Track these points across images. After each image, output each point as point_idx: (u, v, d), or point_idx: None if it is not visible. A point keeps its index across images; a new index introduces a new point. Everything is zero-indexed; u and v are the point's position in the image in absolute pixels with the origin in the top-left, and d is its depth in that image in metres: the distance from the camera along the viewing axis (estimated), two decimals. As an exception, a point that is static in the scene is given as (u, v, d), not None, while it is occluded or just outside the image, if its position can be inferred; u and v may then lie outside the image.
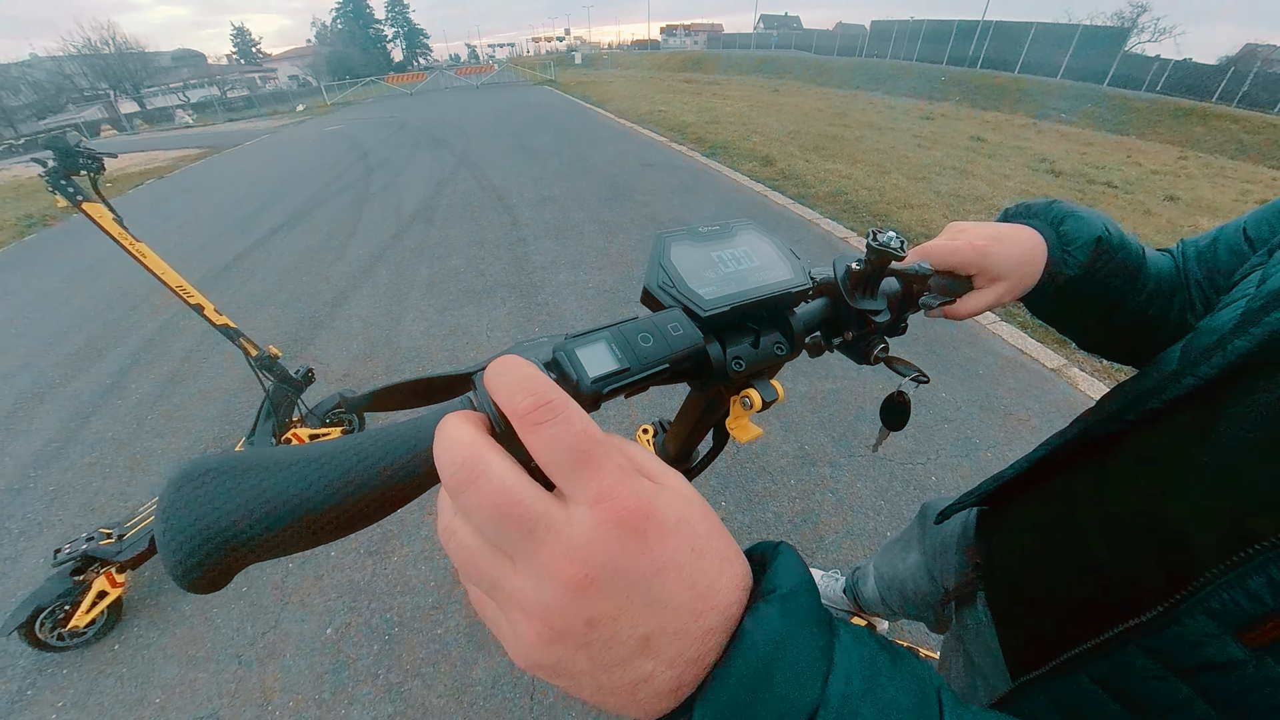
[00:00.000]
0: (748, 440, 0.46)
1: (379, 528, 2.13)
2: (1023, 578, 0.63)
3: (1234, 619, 0.36)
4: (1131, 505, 0.49)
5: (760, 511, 2.15)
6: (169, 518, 0.25)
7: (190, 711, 1.62)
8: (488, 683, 1.63)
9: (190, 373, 3.28)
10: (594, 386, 0.31)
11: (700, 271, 0.40)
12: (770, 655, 0.22)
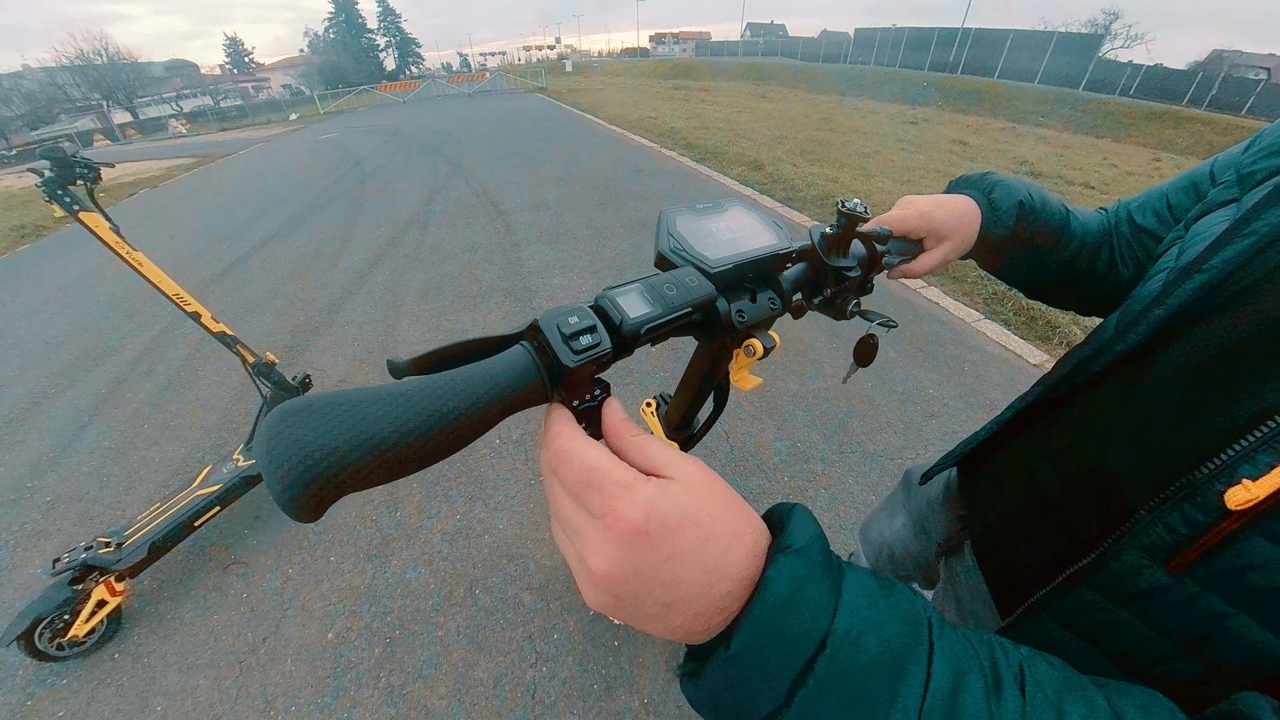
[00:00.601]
0: (749, 389, 0.56)
1: (378, 531, 2.12)
2: (998, 528, 0.68)
3: (1159, 551, 0.41)
4: (1078, 457, 0.54)
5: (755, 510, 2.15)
6: (273, 449, 0.28)
7: (192, 719, 1.59)
8: (489, 683, 1.62)
9: (187, 381, 3.24)
10: (634, 325, 0.37)
11: (703, 238, 0.46)
12: (787, 597, 0.28)
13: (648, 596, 0.29)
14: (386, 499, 2.26)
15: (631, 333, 0.36)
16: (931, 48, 31.76)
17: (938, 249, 0.67)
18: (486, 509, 2.19)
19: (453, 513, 2.18)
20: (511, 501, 2.22)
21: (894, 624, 0.29)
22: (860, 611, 0.29)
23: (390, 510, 2.21)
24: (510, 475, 2.35)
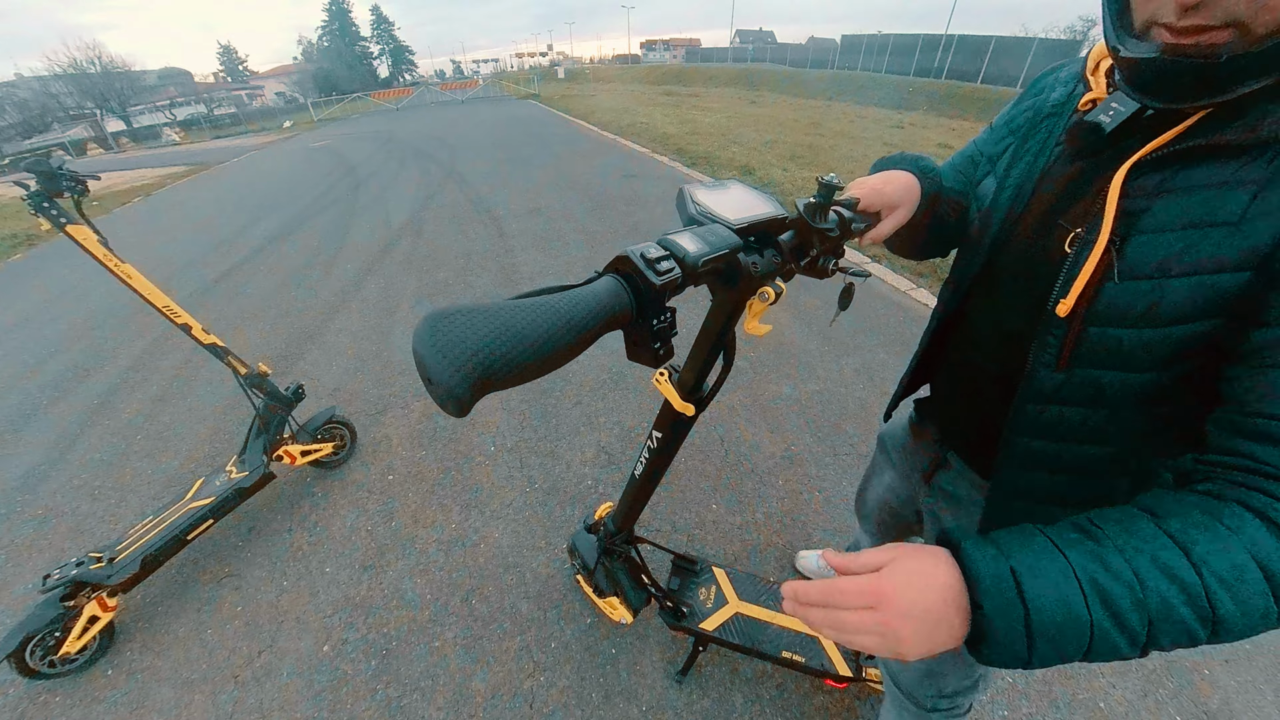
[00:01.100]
0: (762, 334, 0.66)
1: (373, 541, 2.09)
2: (963, 418, 0.90)
3: (1049, 359, 0.65)
4: (991, 335, 0.79)
5: (751, 513, 2.14)
6: (426, 348, 0.34)
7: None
8: (486, 693, 1.60)
9: (179, 392, 3.20)
10: (694, 258, 0.48)
11: (719, 206, 0.59)
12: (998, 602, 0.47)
13: (931, 634, 0.48)
14: (380, 509, 2.23)
15: (693, 264, 0.47)
16: (916, 54, 31.98)
17: (892, 216, 0.78)
18: (482, 518, 2.16)
19: (448, 522, 2.16)
20: (507, 510, 2.19)
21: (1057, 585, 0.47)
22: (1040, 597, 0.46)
23: (385, 520, 2.18)
24: (506, 483, 2.33)
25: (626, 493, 1.22)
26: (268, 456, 2.13)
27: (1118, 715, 1.57)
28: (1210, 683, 1.66)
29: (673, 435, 0.93)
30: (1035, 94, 0.77)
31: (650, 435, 0.99)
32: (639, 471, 1.09)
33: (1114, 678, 1.67)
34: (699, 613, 1.57)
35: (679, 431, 0.92)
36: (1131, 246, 0.57)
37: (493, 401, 2.83)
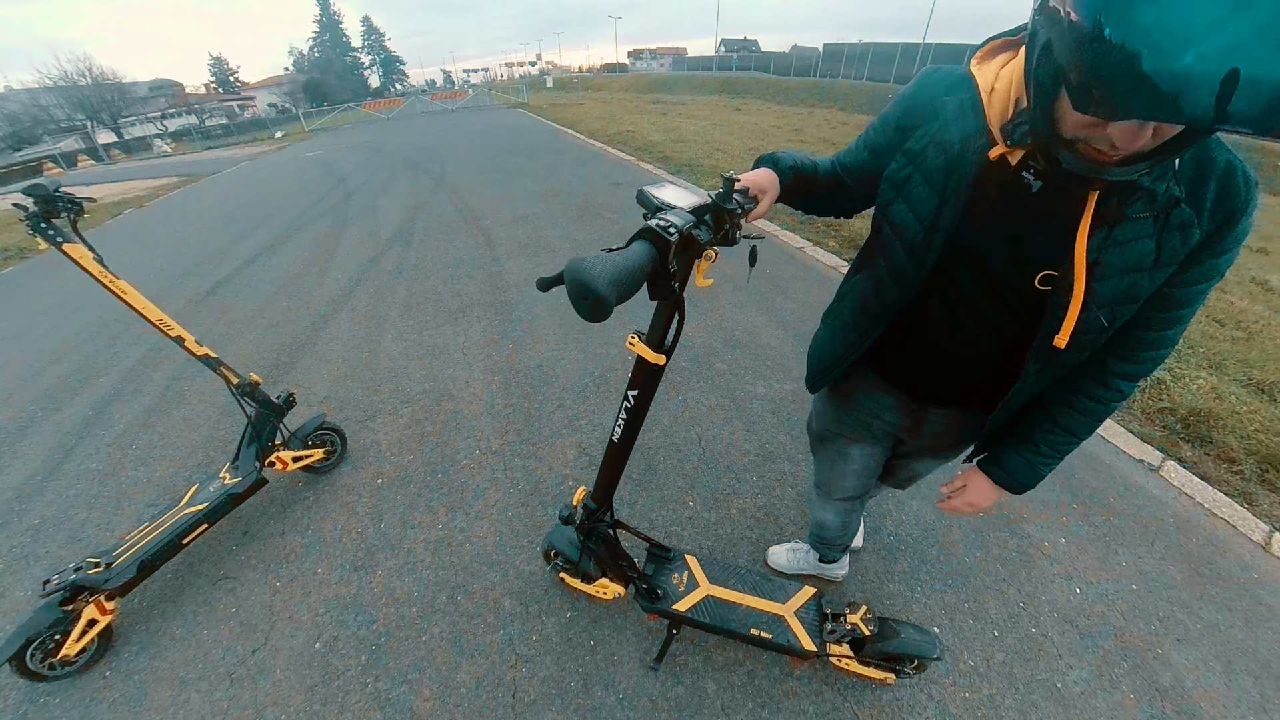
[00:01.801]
0: (707, 285, 0.91)
1: (363, 543, 2.14)
2: (940, 381, 1.12)
3: (1039, 357, 0.91)
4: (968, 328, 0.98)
5: (725, 509, 2.22)
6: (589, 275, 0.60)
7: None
8: (471, 685, 1.66)
9: (172, 402, 3.22)
10: (687, 223, 0.76)
11: (673, 199, 0.83)
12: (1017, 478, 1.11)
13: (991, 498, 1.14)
14: (370, 511, 2.28)
15: (688, 226, 0.77)
16: (895, 62, 32.37)
17: (764, 200, 0.97)
18: (467, 518, 2.22)
19: (434, 523, 2.21)
20: (491, 510, 2.25)
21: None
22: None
23: (374, 522, 2.23)
24: (490, 485, 2.39)
25: (606, 461, 1.31)
26: (260, 463, 2.17)
27: (1074, 693, 1.65)
28: (1162, 661, 1.75)
29: (647, 388, 1.10)
30: (928, 114, 0.90)
31: (626, 396, 1.13)
32: (618, 435, 1.21)
33: (1071, 659, 1.75)
34: (672, 595, 1.64)
35: (652, 383, 1.10)
36: (1097, 290, 0.79)
37: (476, 406, 2.90)
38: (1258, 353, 3.82)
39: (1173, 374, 3.26)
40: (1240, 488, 2.48)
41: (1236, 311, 4.72)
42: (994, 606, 1.90)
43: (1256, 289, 5.67)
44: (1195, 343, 3.78)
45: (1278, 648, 1.81)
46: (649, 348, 1.00)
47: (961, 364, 1.05)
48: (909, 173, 0.91)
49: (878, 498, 2.30)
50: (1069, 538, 2.17)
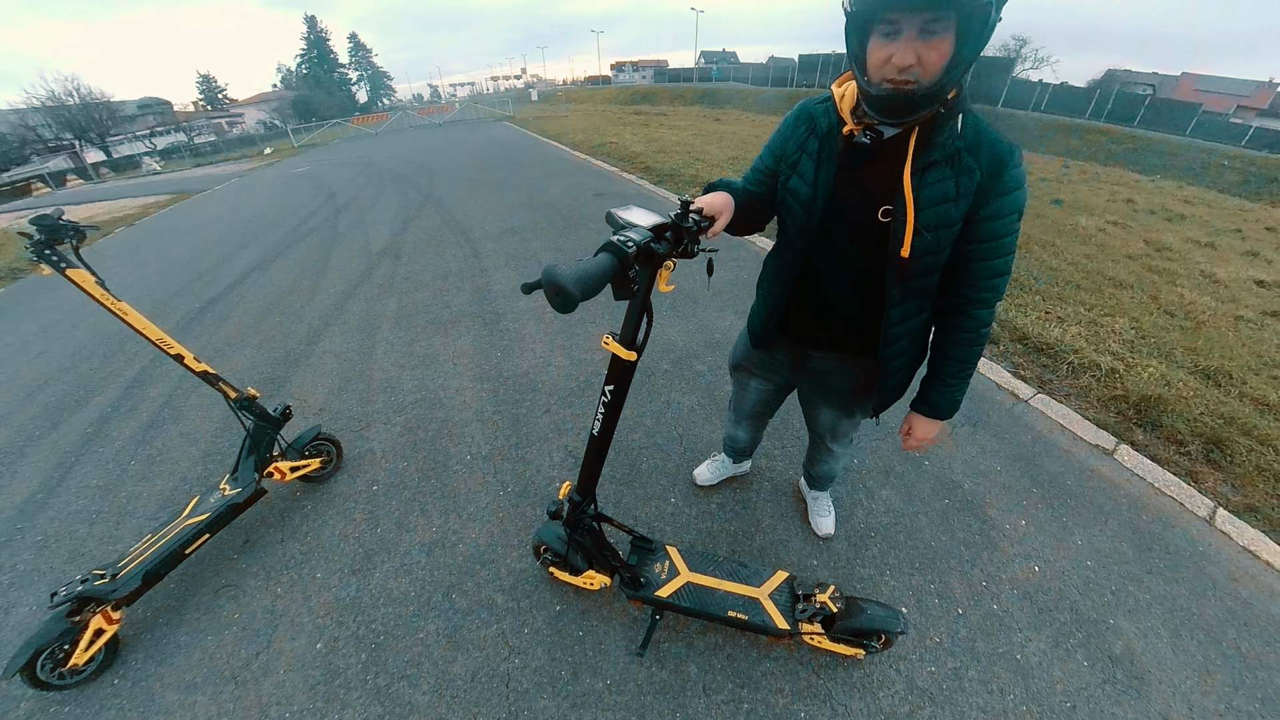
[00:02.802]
0: (668, 290, 1.02)
1: (360, 547, 2.19)
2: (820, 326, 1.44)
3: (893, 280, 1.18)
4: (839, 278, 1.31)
5: (705, 504, 2.30)
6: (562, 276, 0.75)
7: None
8: (467, 677, 1.71)
9: (170, 417, 3.23)
10: (645, 237, 0.91)
11: (636, 219, 0.96)
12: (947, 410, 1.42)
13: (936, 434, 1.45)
14: (367, 517, 2.32)
15: (645, 241, 0.90)
16: (867, 70, 32.62)
17: (721, 219, 1.10)
18: (460, 520, 2.27)
19: (429, 525, 2.26)
20: (483, 513, 2.31)
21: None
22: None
23: (371, 527, 2.27)
24: (481, 489, 2.44)
25: (587, 455, 1.39)
26: (259, 474, 2.21)
27: (1033, 664, 1.74)
28: (1114, 631, 1.84)
29: (621, 383, 1.22)
30: (805, 120, 1.24)
31: (603, 391, 1.23)
32: (597, 429, 1.30)
33: (1029, 632, 1.83)
34: (654, 583, 1.71)
35: (625, 379, 1.22)
36: (920, 216, 1.08)
37: (467, 413, 2.95)
38: (1204, 341, 3.97)
39: (1125, 364, 3.37)
40: (1187, 467, 2.59)
41: (1186, 303, 4.88)
42: (958, 586, 1.99)
43: (1205, 281, 5.86)
44: (1147, 333, 3.92)
45: (1220, 614, 1.91)
46: (622, 346, 1.14)
47: (837, 308, 1.36)
48: (798, 155, 1.24)
49: (849, 488, 2.38)
50: (1029, 520, 2.27)
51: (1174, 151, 17.66)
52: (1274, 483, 2.51)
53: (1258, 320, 4.78)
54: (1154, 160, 16.62)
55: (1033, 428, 2.81)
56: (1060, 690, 1.67)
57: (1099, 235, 7.06)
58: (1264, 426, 2.89)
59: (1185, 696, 1.67)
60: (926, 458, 2.57)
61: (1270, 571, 2.09)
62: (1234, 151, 18.63)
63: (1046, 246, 5.93)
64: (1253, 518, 2.33)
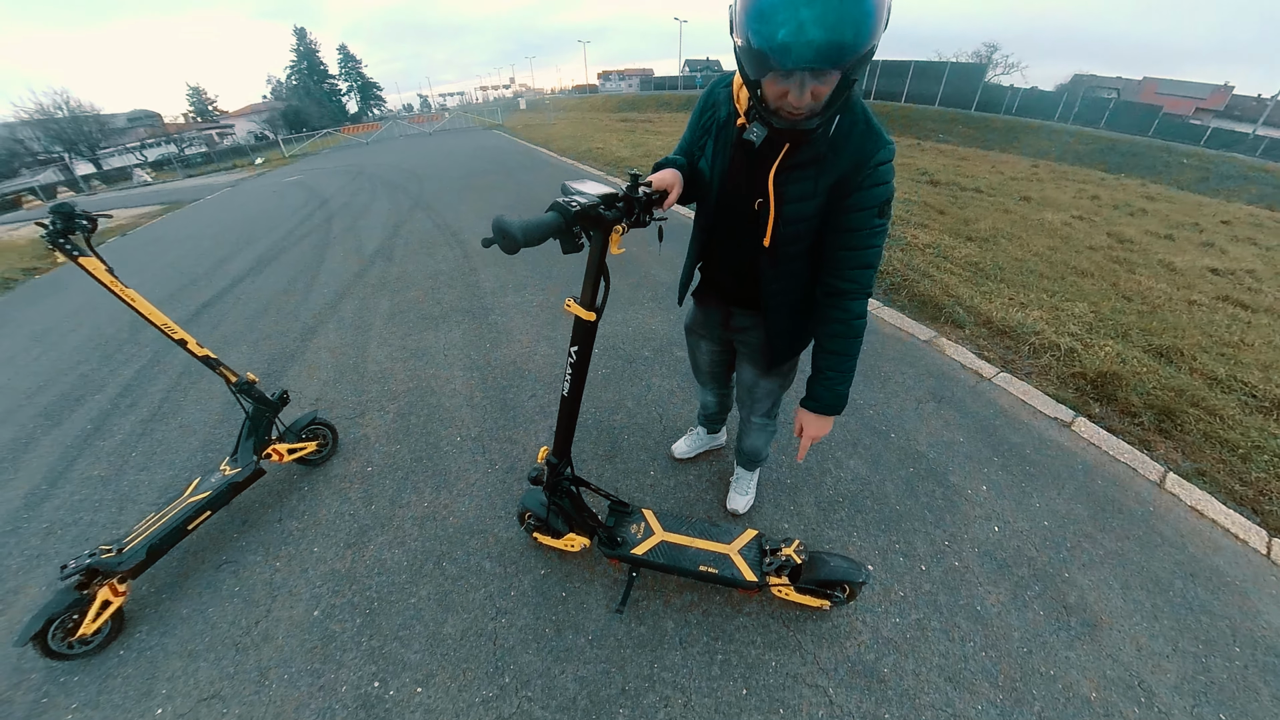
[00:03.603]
0: (619, 253, 1.12)
1: (355, 523, 2.25)
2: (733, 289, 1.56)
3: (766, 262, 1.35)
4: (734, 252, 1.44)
5: (684, 475, 2.39)
6: (508, 224, 0.88)
7: (195, 695, 1.68)
8: (457, 636, 1.78)
9: (170, 410, 3.25)
10: (593, 202, 1.03)
11: (588, 189, 1.07)
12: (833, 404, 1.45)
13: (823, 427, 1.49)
14: (361, 495, 2.39)
15: (592, 204, 1.02)
16: (845, 76, 32.99)
17: (673, 192, 1.21)
18: (451, 496, 2.34)
19: (421, 501, 2.33)
20: (473, 489, 2.38)
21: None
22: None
23: (365, 504, 2.33)
24: (471, 467, 2.51)
25: (560, 416, 1.48)
26: (257, 455, 2.26)
27: (992, 614, 1.84)
28: (1069, 583, 1.95)
29: (584, 344, 1.32)
30: (713, 104, 1.32)
31: (569, 353, 1.33)
32: (566, 389, 1.40)
33: (989, 585, 1.93)
34: (630, 542, 1.79)
35: (588, 339, 1.31)
36: (782, 210, 1.22)
37: (457, 399, 3.02)
38: (1159, 323, 4.12)
39: (1084, 344, 3.51)
40: (1140, 436, 2.71)
41: (1143, 290, 5.04)
42: (921, 545, 2.09)
43: (1162, 270, 6.04)
44: (1106, 317, 4.06)
45: (1169, 567, 2.03)
46: (582, 307, 1.24)
47: (736, 270, 1.47)
48: (705, 139, 1.34)
49: (818, 458, 2.47)
50: (990, 485, 2.37)
51: (1137, 151, 18.09)
52: (1221, 449, 2.64)
53: (1210, 304, 4.93)
54: (1119, 159, 16.98)
55: (995, 403, 2.92)
56: (1018, 637, 1.77)
57: (1064, 229, 7.22)
58: (1212, 399, 3.03)
59: (1134, 640, 1.77)
60: (892, 431, 2.67)
61: (1215, 528, 2.22)
62: (1193, 150, 19.34)
63: (1013, 239, 6.08)
64: (1200, 481, 2.46)
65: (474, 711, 1.59)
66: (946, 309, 3.83)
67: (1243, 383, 3.26)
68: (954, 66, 30.65)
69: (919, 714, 1.56)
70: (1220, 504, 2.32)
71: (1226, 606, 1.91)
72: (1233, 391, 3.19)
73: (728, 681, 1.64)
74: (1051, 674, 1.67)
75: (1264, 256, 7.62)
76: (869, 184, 1.15)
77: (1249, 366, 3.51)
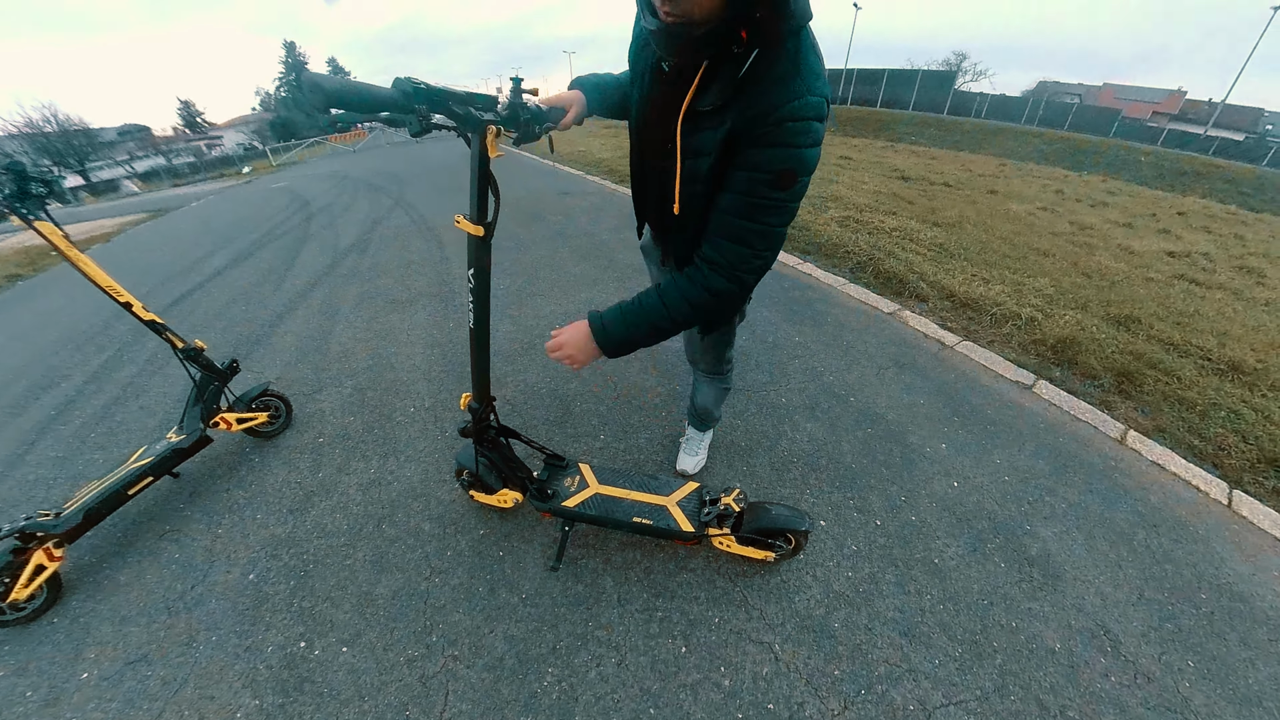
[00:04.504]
0: (497, 155, 1.04)
1: (300, 490, 2.16)
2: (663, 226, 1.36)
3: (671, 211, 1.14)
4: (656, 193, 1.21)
5: (634, 439, 2.30)
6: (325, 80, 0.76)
7: (121, 659, 1.59)
8: (388, 596, 1.69)
9: (132, 394, 3.12)
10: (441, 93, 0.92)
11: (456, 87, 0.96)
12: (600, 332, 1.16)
13: (584, 349, 1.18)
14: (310, 464, 2.29)
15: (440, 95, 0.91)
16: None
17: (571, 113, 1.15)
18: (398, 462, 2.25)
19: (368, 469, 2.24)
20: (420, 455, 2.29)
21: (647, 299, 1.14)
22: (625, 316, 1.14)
23: (313, 473, 2.23)
24: (421, 435, 2.43)
25: (472, 354, 1.37)
26: (204, 423, 2.16)
27: (951, 568, 1.76)
28: (1031, 535, 1.89)
29: (480, 264, 1.21)
30: (642, 33, 1.09)
31: (468, 279, 1.22)
32: (472, 320, 1.29)
33: (949, 539, 1.86)
34: (563, 494, 1.70)
35: (483, 258, 1.21)
36: (685, 164, 1.04)
37: (415, 374, 2.94)
38: (1117, 295, 4.13)
39: (1045, 314, 3.49)
40: (1101, 398, 2.69)
41: (1103, 268, 5.08)
42: (877, 501, 2.02)
43: (1121, 252, 6.12)
44: (1066, 291, 4.06)
45: (1131, 518, 1.98)
46: (470, 222, 1.13)
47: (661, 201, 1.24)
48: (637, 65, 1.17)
49: (774, 421, 2.41)
50: (949, 444, 2.32)
51: (1099, 150, 18.55)
52: (1179, 407, 2.62)
53: (1166, 281, 4.98)
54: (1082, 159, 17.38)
55: (957, 368, 2.87)
56: (977, 590, 1.70)
57: (1028, 218, 7.28)
58: (1169, 362, 3.03)
59: (1099, 590, 1.71)
60: (852, 395, 2.61)
61: (1177, 480, 2.18)
62: (1150, 150, 20.18)
63: (978, 225, 6.10)
64: (1161, 437, 2.43)
65: (397, 670, 1.50)
66: (911, 284, 3.79)
67: (1198, 348, 3.26)
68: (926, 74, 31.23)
69: (871, 669, 1.48)
70: (1181, 459, 2.29)
71: (1190, 555, 1.85)
72: (1189, 356, 3.18)
73: (666, 639, 1.55)
74: (1014, 625, 1.60)
75: (1217, 242, 7.76)
76: (766, 143, 0.89)
77: (1204, 333, 3.51)
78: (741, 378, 2.69)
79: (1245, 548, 1.89)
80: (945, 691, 1.44)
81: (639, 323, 1.12)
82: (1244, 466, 2.25)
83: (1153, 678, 1.48)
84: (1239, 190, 15.39)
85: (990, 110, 27.87)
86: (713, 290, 1.06)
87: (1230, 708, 1.42)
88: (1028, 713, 1.40)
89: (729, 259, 1.02)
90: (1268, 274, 5.99)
